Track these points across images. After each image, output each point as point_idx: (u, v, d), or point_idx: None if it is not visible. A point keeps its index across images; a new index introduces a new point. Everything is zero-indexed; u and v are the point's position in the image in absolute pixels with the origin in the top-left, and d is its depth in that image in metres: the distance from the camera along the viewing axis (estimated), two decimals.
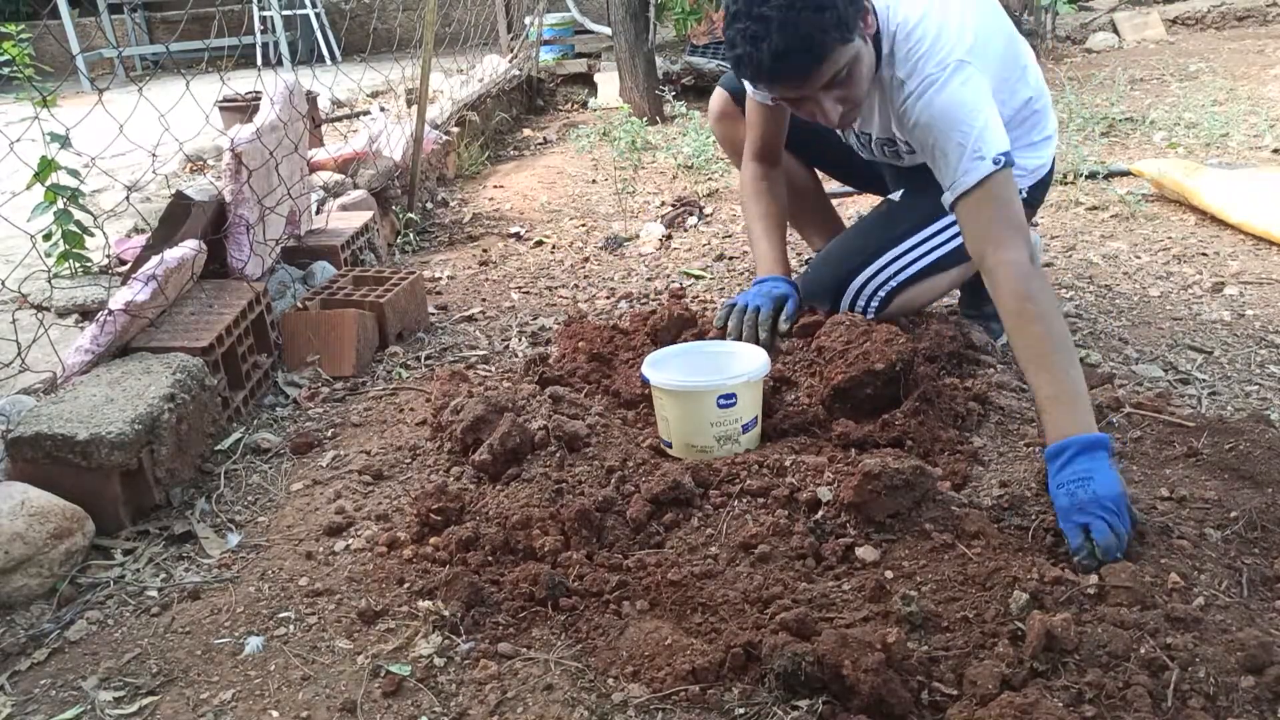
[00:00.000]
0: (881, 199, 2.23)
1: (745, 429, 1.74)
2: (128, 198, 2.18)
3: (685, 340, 2.06)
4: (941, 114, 1.69)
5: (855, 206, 3.32)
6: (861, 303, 1.99)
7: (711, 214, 3.50)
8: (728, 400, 1.70)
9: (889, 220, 2.06)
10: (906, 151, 1.94)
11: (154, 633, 1.47)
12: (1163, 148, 3.83)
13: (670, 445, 1.79)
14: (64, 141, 2.37)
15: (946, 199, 1.73)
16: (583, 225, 3.55)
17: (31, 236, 2.01)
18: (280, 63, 7.82)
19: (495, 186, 4.26)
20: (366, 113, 4.73)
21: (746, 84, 2.06)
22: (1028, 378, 1.55)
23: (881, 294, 1.98)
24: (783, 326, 1.99)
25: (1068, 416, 1.46)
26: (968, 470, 1.65)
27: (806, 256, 2.94)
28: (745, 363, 1.81)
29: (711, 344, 1.96)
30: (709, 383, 1.71)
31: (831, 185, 2.81)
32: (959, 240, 1.99)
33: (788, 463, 1.65)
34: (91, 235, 2.53)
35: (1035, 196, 2.13)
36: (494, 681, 1.32)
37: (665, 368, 1.83)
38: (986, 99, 1.71)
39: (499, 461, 1.75)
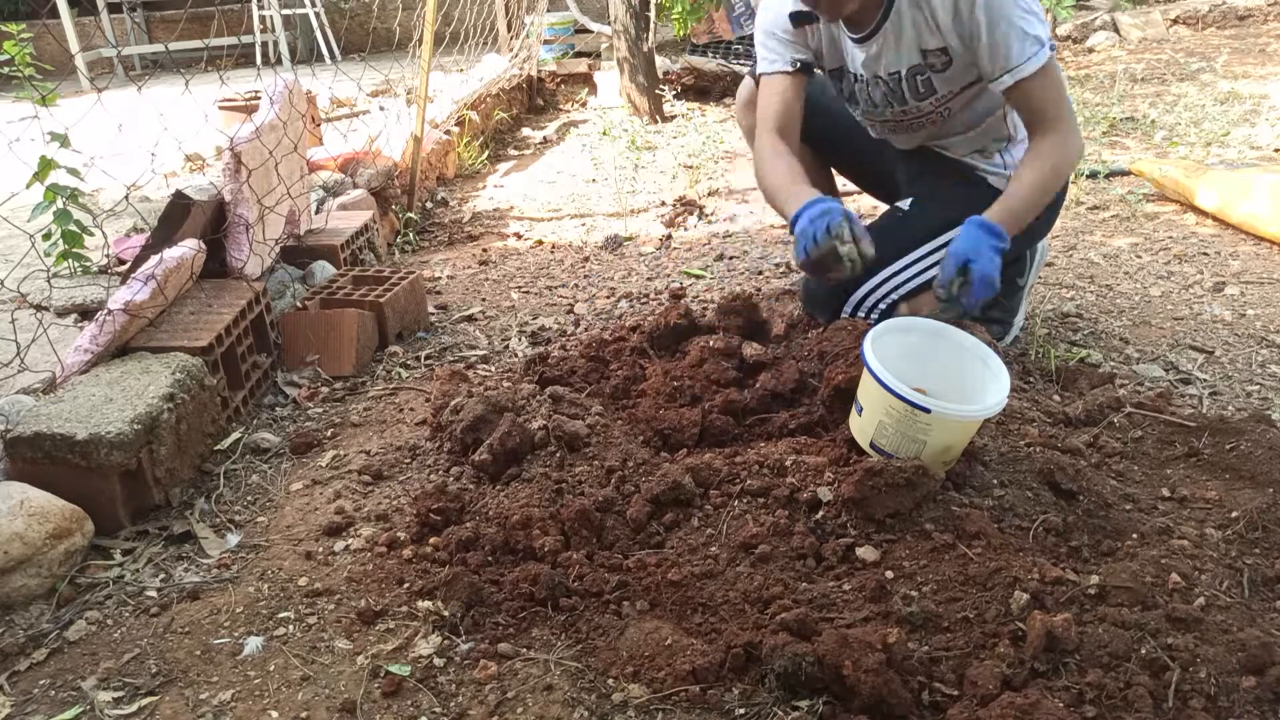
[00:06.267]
0: (890, 207, 2.21)
1: None
2: (127, 197, 2.18)
3: (686, 344, 2.04)
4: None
5: (863, 200, 3.31)
6: (861, 314, 1.99)
7: (712, 214, 3.49)
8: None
9: (895, 232, 2.05)
10: (937, 69, 1.92)
11: (153, 633, 1.47)
12: (1163, 147, 3.83)
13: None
14: (63, 141, 2.37)
15: (1004, 82, 1.80)
16: (583, 225, 3.55)
17: (31, 236, 2.00)
18: (280, 62, 7.82)
19: (495, 186, 4.26)
20: (366, 112, 4.73)
21: (766, 55, 2.03)
22: (1015, 179, 1.86)
23: (882, 306, 1.98)
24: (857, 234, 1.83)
25: (1001, 211, 1.81)
26: (968, 470, 1.65)
27: None
28: (999, 374, 1.62)
29: (931, 329, 1.73)
30: (995, 406, 1.54)
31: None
32: None
33: (788, 463, 1.65)
34: (91, 235, 2.53)
35: (1048, 207, 2.09)
36: (494, 682, 1.32)
37: (901, 369, 1.56)
38: None
39: (499, 461, 1.75)
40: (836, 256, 1.71)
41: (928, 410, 1.50)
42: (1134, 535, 1.47)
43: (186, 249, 2.13)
